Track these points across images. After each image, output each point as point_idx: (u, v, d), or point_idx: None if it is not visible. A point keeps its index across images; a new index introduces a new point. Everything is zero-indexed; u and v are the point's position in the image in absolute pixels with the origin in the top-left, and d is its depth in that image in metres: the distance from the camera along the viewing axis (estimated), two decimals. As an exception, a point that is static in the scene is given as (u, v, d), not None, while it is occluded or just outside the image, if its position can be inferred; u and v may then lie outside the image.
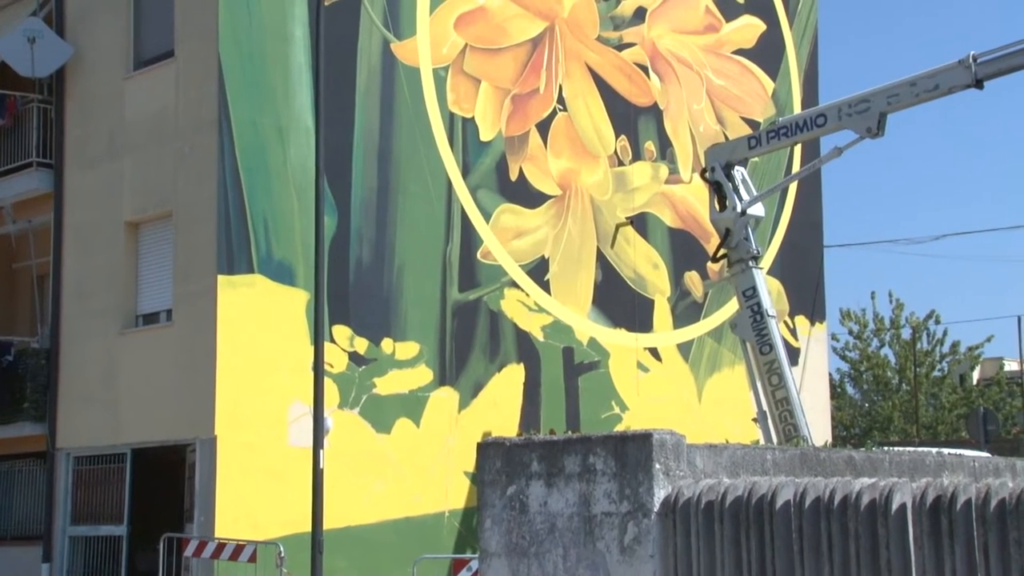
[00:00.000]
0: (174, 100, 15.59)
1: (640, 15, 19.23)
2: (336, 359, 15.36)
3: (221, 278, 14.73)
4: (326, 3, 14.78)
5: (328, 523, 13.20)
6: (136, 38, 16.31)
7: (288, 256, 15.25)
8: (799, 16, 21.42)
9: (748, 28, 20.63)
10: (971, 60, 12.91)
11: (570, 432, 6.42)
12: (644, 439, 5.61)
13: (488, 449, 6.21)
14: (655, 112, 19.28)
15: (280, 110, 15.38)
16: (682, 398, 19.00)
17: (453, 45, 17.01)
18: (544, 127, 17.91)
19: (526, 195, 17.63)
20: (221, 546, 13.77)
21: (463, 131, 17.08)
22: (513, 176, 17.52)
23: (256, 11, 15.29)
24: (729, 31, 20.38)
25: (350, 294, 15.78)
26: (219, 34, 14.97)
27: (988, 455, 9.96)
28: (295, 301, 15.19)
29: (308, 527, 12.93)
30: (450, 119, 16.93)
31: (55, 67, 16.70)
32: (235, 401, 14.60)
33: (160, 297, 15.68)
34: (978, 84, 12.94)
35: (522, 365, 17.30)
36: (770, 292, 15.48)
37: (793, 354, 19.63)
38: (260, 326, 14.91)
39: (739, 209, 14.73)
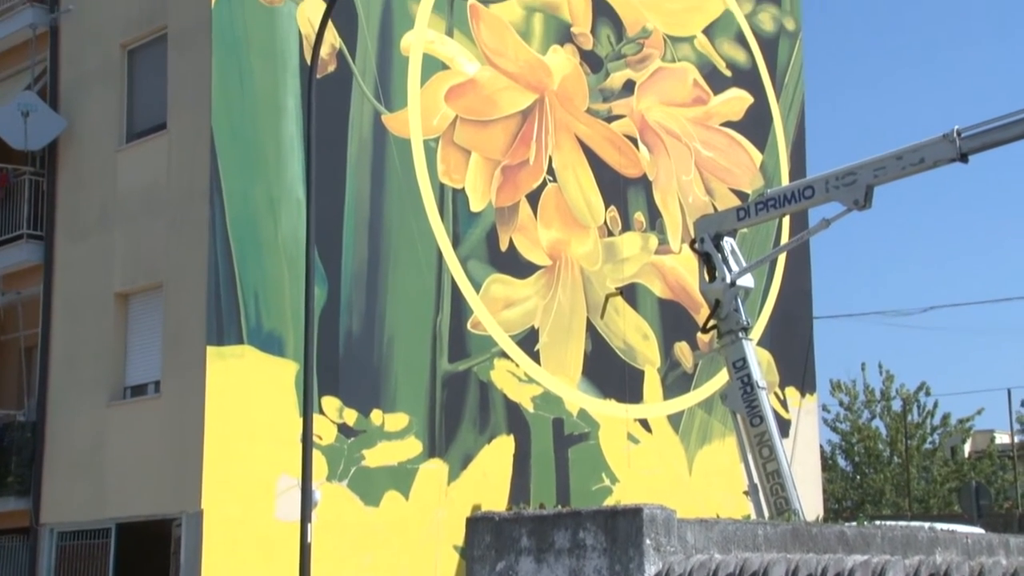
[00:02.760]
0: (166, 171, 15.65)
1: (629, 88, 19.44)
2: (325, 431, 15.26)
3: (210, 349, 14.67)
4: (318, 75, 14.91)
5: (315, 598, 13.01)
6: (129, 110, 16.41)
7: (278, 327, 15.21)
8: (786, 89, 21.68)
9: (736, 101, 20.85)
10: (955, 134, 13.06)
11: (560, 506, 6.37)
12: (634, 514, 5.56)
13: (477, 524, 6.15)
14: (644, 183, 19.40)
15: (272, 181, 15.45)
16: (673, 470, 18.89)
17: (444, 117, 17.15)
18: (534, 198, 18.01)
19: (516, 265, 17.67)
20: (206, 622, 13.55)
21: (453, 202, 17.16)
22: (503, 246, 17.57)
23: (249, 83, 15.42)
24: (717, 104, 20.59)
25: (340, 365, 15.72)
26: (212, 106, 15.07)
27: (982, 531, 9.91)
28: (284, 372, 15.13)
29: (295, 602, 12.74)
30: (440, 190, 17.02)
31: (48, 140, 16.77)
32: (222, 474, 14.46)
33: (149, 369, 15.59)
34: (963, 158, 13.08)
35: (512, 436, 17.21)
36: (760, 363, 15.47)
37: (784, 426, 19.56)
38: (249, 398, 14.82)
39: (728, 280, 14.78)
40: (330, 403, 15.50)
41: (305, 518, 12.58)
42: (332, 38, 16.00)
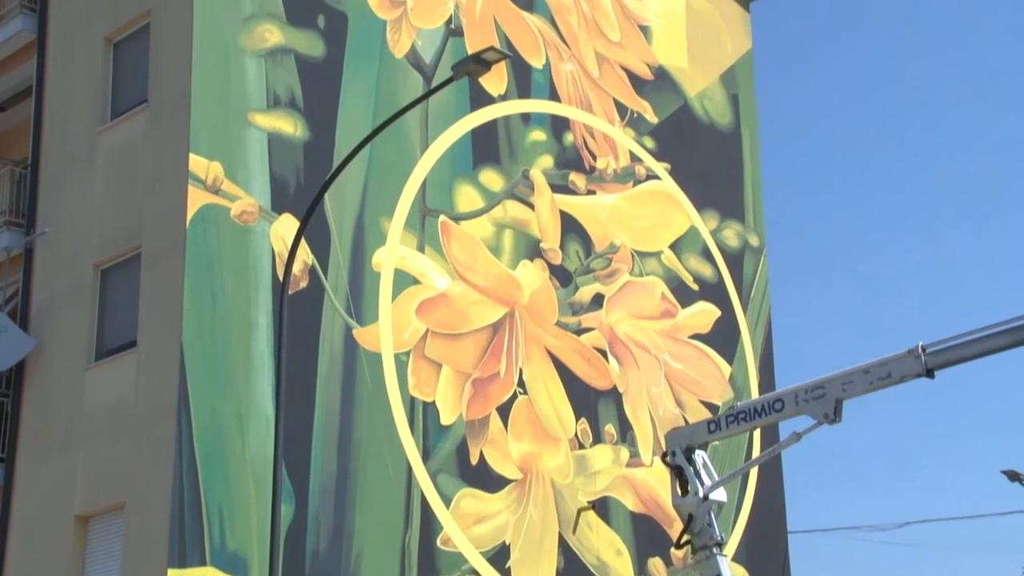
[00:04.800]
0: (134, 389, 15.54)
1: (598, 301, 19.70)
2: (289, 656, 14.70)
3: (172, 572, 14.22)
4: (290, 292, 15.06)
5: None
6: (99, 329, 16.39)
7: (243, 547, 14.83)
8: (752, 303, 22.03)
9: (703, 314, 21.13)
10: (920, 350, 13.20)
11: None
12: None
13: None
14: (615, 395, 19.43)
15: (240, 397, 15.35)
16: None
17: (415, 331, 17.26)
18: (505, 410, 17.96)
19: (487, 479, 17.47)
20: None
21: (424, 415, 17.08)
22: (474, 460, 17.41)
23: (221, 301, 15.51)
24: (685, 316, 20.85)
25: (306, 585, 15.28)
26: (183, 324, 15.11)
27: None
28: (248, 594, 14.67)
29: None
30: (411, 403, 16.96)
31: (16, 360, 16.68)
32: None
33: (106, 596, 15.10)
34: (929, 373, 13.18)
35: (483, 659, 16.64)
36: (736, 580, 15.17)
37: (763, 645, 19.03)
38: (210, 623, 14.32)
39: (701, 494, 14.60)
40: (295, 626, 14.98)
41: None
42: (305, 255, 16.24)
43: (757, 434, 20.44)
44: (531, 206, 19.27)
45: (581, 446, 18.75)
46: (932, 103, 46.58)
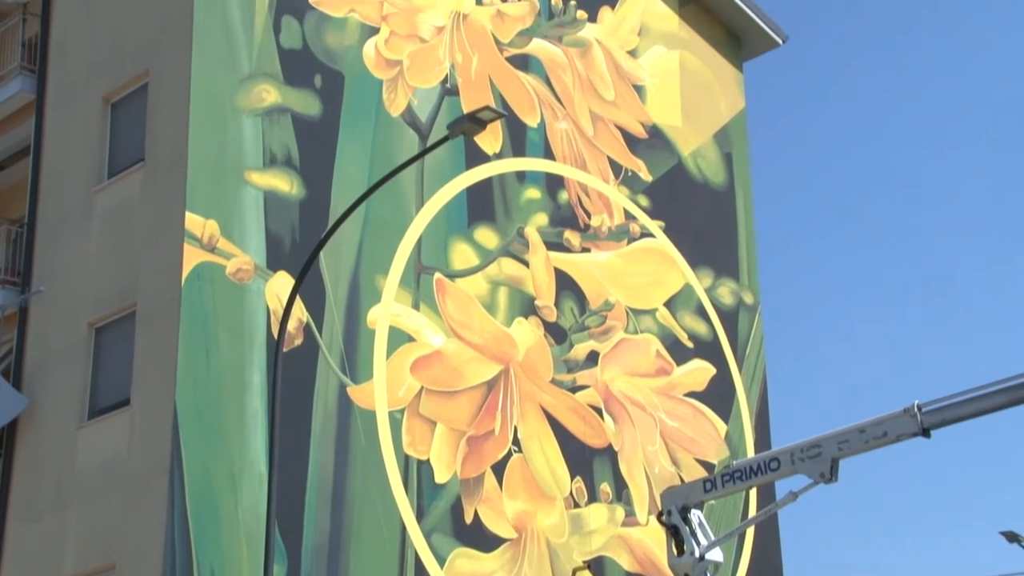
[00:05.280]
0: (127, 448, 15.46)
1: (593, 359, 19.68)
2: None
3: (162, 633, 14.09)
4: (285, 349, 15.04)
5: None
6: (93, 387, 16.36)
7: (234, 608, 14.69)
8: (747, 360, 22.02)
9: (699, 372, 21.11)
10: (916, 409, 13.19)
11: None
12: None
13: None
14: (610, 453, 19.35)
15: (234, 456, 15.28)
16: None
17: (409, 388, 17.22)
18: (499, 469, 17.87)
19: (481, 538, 17.34)
20: None
21: (418, 474, 17.00)
22: (468, 519, 17.30)
23: (215, 359, 15.48)
24: (680, 374, 20.83)
25: (297, 647, 15.12)
26: (177, 381, 15.07)
27: None
28: (239, 657, 14.50)
29: None
30: (405, 461, 16.89)
31: (8, 419, 16.61)
32: None
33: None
34: (925, 432, 13.16)
35: None
36: (733, 642, 15.02)
37: None
38: None
39: (697, 554, 14.51)
40: None
41: None
42: (300, 312, 16.24)
43: (753, 493, 20.32)
44: (526, 264, 19.32)
45: (576, 505, 18.64)
46: (926, 158, 46.93)
